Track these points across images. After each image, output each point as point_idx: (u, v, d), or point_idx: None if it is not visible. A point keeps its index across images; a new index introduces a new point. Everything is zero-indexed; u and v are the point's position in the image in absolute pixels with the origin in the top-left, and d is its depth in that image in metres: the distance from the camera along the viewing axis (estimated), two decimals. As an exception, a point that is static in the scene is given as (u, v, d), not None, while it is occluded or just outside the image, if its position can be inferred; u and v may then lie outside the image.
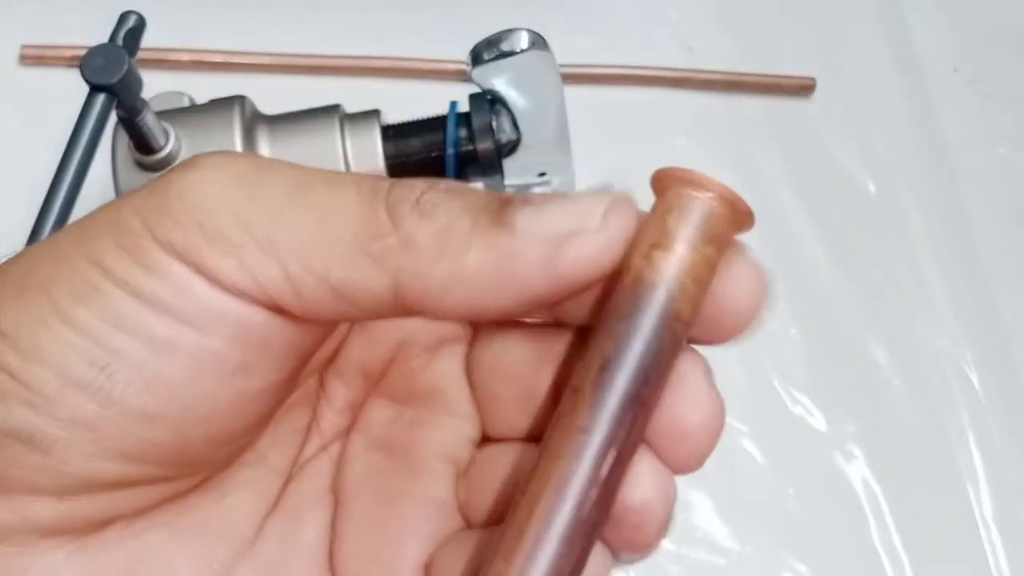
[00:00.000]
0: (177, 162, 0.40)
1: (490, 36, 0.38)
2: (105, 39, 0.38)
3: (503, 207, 0.21)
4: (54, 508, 0.21)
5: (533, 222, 0.21)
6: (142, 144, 0.39)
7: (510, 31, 0.38)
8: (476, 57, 0.38)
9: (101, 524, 0.22)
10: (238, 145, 0.40)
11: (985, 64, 0.54)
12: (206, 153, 0.22)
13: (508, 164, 0.41)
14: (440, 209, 0.21)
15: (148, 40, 0.39)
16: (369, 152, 0.41)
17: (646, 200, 0.23)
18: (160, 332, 0.20)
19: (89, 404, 0.20)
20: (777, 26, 0.54)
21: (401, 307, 0.21)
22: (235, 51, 0.50)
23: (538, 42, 0.38)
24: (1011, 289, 0.49)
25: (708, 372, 0.23)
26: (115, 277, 0.20)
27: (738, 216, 0.22)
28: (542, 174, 0.42)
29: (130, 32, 0.38)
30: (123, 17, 0.39)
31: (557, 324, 0.24)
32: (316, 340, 0.23)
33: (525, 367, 0.23)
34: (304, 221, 0.21)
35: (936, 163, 0.51)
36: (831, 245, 0.49)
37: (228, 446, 0.23)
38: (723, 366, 0.49)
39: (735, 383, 0.46)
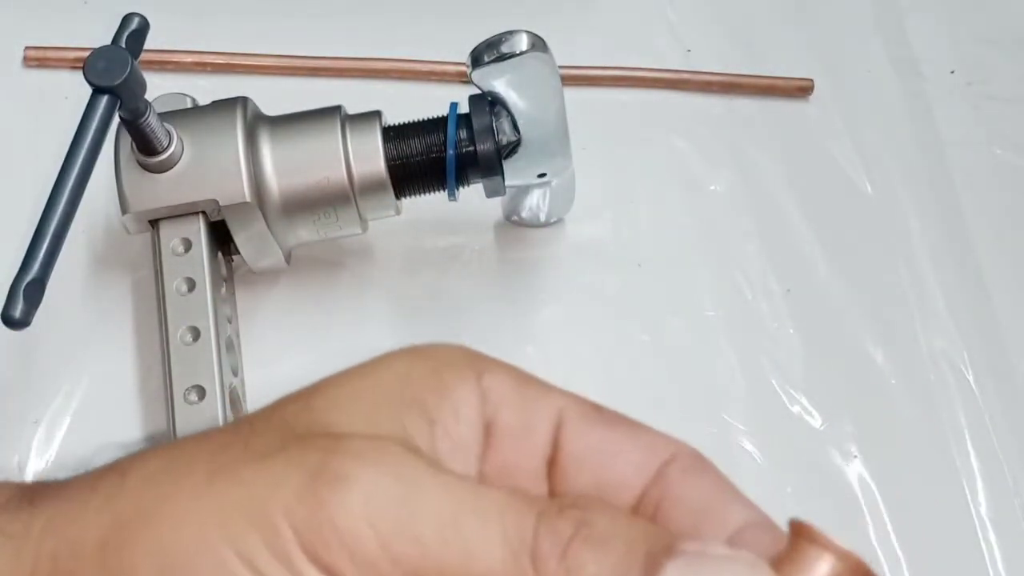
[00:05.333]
0: (181, 160, 0.40)
1: (490, 38, 0.39)
2: (108, 41, 0.38)
3: (650, 568, 0.21)
4: None
5: None
6: (145, 145, 0.40)
7: (510, 33, 0.38)
8: (476, 59, 0.39)
9: None
10: (240, 145, 0.40)
11: (982, 65, 0.54)
12: (356, 455, 0.22)
13: (508, 165, 0.41)
14: (586, 572, 0.21)
15: (150, 42, 0.39)
16: (370, 153, 0.41)
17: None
18: None
19: None
20: (775, 28, 0.54)
21: None
22: (237, 53, 0.51)
23: (538, 44, 0.38)
24: (1008, 289, 0.49)
25: None
26: None
27: None
28: (542, 175, 0.43)
29: (133, 34, 0.38)
30: (126, 19, 0.39)
31: None
32: None
33: None
34: (450, 562, 0.21)
35: (933, 164, 0.52)
36: (828, 245, 0.49)
37: None
38: (722, 366, 0.49)
39: (734, 383, 0.46)
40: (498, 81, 0.39)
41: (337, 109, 0.42)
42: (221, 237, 0.42)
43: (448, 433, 0.24)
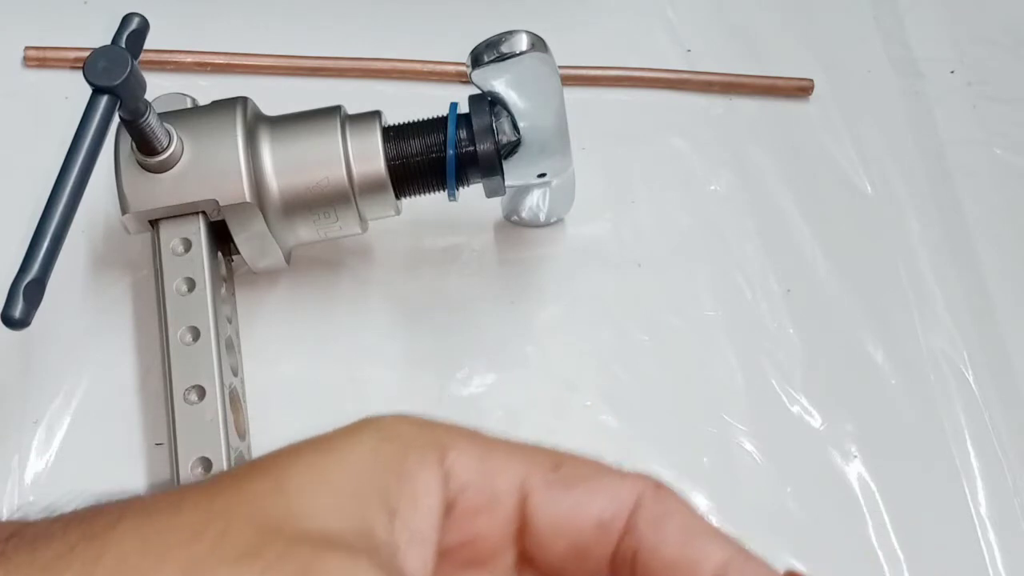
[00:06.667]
0: (181, 160, 0.40)
1: (490, 38, 0.39)
2: (108, 41, 0.38)
3: None
4: None
5: None
6: (145, 145, 0.40)
7: (510, 33, 0.38)
8: (476, 59, 0.39)
9: None
10: (240, 145, 0.40)
11: (981, 65, 0.54)
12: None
13: (508, 165, 0.41)
14: None
15: (150, 42, 0.39)
16: (370, 153, 0.41)
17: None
18: None
19: None
20: (775, 28, 0.54)
21: None
22: (237, 53, 0.51)
23: (538, 44, 0.39)
24: (1007, 289, 0.49)
25: None
26: None
27: None
28: (542, 175, 0.43)
29: (133, 34, 0.38)
30: (126, 19, 0.39)
31: None
32: None
33: None
34: None
35: (933, 164, 0.52)
36: (828, 246, 0.49)
37: None
38: (722, 366, 0.49)
39: (734, 383, 0.46)
40: (498, 81, 0.39)
41: (337, 109, 0.42)
42: (221, 237, 0.42)
43: (407, 525, 0.24)
